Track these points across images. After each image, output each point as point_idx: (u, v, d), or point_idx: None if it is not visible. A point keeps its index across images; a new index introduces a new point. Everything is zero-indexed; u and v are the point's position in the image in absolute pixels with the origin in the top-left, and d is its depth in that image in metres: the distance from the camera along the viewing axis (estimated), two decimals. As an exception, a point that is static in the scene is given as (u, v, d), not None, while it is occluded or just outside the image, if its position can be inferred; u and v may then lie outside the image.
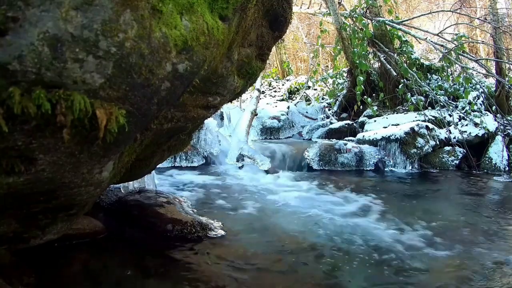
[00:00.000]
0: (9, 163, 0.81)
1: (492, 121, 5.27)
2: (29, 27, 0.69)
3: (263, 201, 2.97)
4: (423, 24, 10.64)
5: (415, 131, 4.75)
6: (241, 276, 1.68)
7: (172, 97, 1.01)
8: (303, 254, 1.95)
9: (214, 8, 1.06)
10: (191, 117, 1.44)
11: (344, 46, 6.45)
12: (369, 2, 6.20)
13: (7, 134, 0.74)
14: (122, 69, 0.81)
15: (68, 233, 1.73)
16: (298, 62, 13.66)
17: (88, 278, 1.61)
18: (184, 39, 0.92)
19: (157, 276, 1.65)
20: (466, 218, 2.71)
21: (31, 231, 1.13)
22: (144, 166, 1.75)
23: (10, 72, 0.69)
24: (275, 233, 2.24)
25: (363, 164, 4.64)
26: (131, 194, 2.47)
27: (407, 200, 3.20)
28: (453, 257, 1.99)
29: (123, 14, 0.78)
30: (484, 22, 7.27)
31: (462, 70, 5.78)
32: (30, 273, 1.48)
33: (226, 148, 4.47)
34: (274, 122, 6.75)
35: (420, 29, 6.73)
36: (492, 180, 4.23)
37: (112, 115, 0.83)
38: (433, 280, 1.72)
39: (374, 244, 2.11)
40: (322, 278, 1.71)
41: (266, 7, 1.51)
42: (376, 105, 6.28)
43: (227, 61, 1.37)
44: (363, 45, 5.87)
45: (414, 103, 5.57)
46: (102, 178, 1.07)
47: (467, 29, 10.28)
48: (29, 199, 0.97)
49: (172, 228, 2.11)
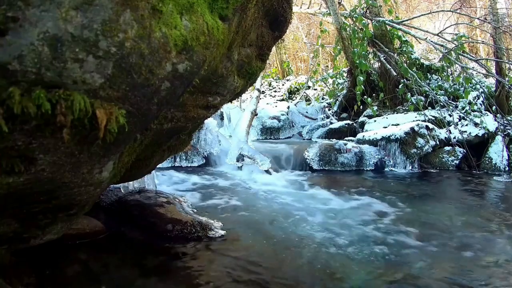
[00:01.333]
0: (9, 163, 0.81)
1: (492, 121, 5.27)
2: (29, 27, 0.69)
3: (263, 201, 2.97)
4: (423, 24, 10.65)
5: (415, 131, 4.75)
6: (241, 276, 1.68)
7: (172, 97, 1.01)
8: (303, 254, 1.95)
9: (214, 8, 1.06)
10: (191, 117, 1.44)
11: (344, 46, 6.45)
12: (369, 2, 6.20)
13: (7, 134, 0.74)
14: (122, 69, 0.81)
15: (68, 233, 1.73)
16: (298, 62, 13.66)
17: (88, 278, 1.61)
18: (184, 39, 0.92)
19: (157, 276, 1.65)
20: (466, 218, 2.71)
21: (31, 231, 1.13)
22: (144, 166, 1.75)
23: (10, 72, 0.69)
24: (275, 233, 2.24)
25: (363, 164, 4.64)
26: (131, 194, 2.47)
27: (407, 200, 3.20)
28: (453, 257, 1.99)
29: (123, 14, 0.78)
30: (484, 22, 7.27)
31: (462, 70, 5.79)
32: (30, 273, 1.48)
33: (226, 148, 4.47)
34: (274, 122, 6.76)
35: (420, 29, 6.73)
36: (492, 180, 4.23)
37: (112, 115, 0.83)
38: (433, 280, 1.72)
39: (374, 244, 2.11)
40: (322, 278, 1.71)
41: (266, 7, 1.51)
42: (376, 105, 6.28)
43: (227, 61, 1.37)
44: (363, 45, 5.87)
45: (414, 103, 5.57)
46: (102, 178, 1.07)
47: (467, 29, 10.28)
48: (29, 199, 0.97)
49: (172, 228, 2.11)
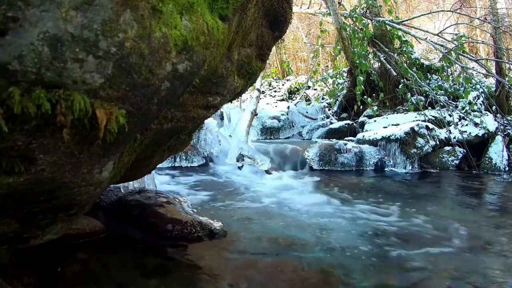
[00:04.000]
0: (9, 163, 0.81)
1: (492, 121, 5.27)
2: (29, 27, 0.69)
3: (263, 201, 2.97)
4: (423, 24, 10.65)
5: (415, 131, 4.75)
6: (241, 276, 1.68)
7: (172, 97, 1.01)
8: (303, 254, 1.95)
9: (214, 8, 1.06)
10: (191, 117, 1.44)
11: (344, 46, 6.45)
12: (369, 2, 6.20)
13: (7, 134, 0.74)
14: (122, 69, 0.81)
15: (68, 233, 1.73)
16: (298, 62, 13.66)
17: (88, 278, 1.61)
18: (184, 39, 0.92)
19: (157, 276, 1.65)
20: (466, 218, 2.71)
21: (31, 231, 1.13)
22: (144, 166, 1.75)
23: (10, 72, 0.69)
24: (275, 233, 2.24)
25: (363, 164, 4.64)
26: (131, 194, 2.47)
27: (407, 200, 3.20)
28: (452, 257, 1.99)
29: (123, 14, 0.78)
30: (484, 22, 7.27)
31: (462, 70, 5.79)
32: (30, 273, 1.48)
33: (226, 148, 4.47)
34: (274, 122, 6.76)
35: (420, 29, 6.73)
36: (492, 180, 4.23)
37: (112, 115, 0.83)
38: (433, 280, 1.72)
39: (374, 244, 2.11)
40: (323, 278, 1.71)
41: (266, 7, 1.51)
42: (376, 105, 6.28)
43: (227, 61, 1.37)
44: (363, 45, 5.87)
45: (414, 103, 5.57)
46: (102, 178, 1.07)
47: (467, 29, 10.28)
48: (29, 199, 0.97)
49: (172, 228, 2.11)
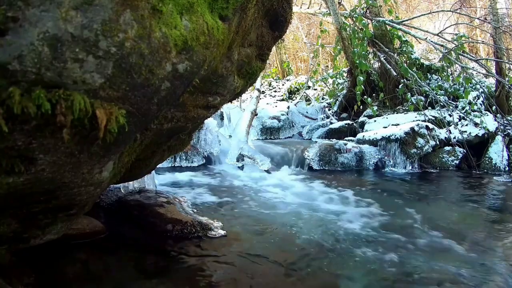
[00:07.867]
0: (9, 163, 0.81)
1: (492, 121, 5.27)
2: (29, 27, 0.69)
3: (263, 201, 2.97)
4: (423, 24, 10.64)
5: (415, 131, 4.75)
6: (241, 276, 1.68)
7: (172, 97, 1.01)
8: (303, 254, 1.95)
9: (214, 8, 1.06)
10: (191, 117, 1.44)
11: (344, 46, 6.45)
12: (369, 2, 6.20)
13: (7, 134, 0.74)
14: (122, 69, 0.81)
15: (68, 233, 1.73)
16: (298, 62, 13.65)
17: (88, 278, 1.61)
18: (184, 39, 0.92)
19: (157, 276, 1.65)
20: (466, 218, 2.71)
21: (31, 231, 1.13)
22: (144, 166, 1.75)
23: (10, 72, 0.69)
24: (275, 233, 2.24)
25: (363, 164, 4.64)
26: (131, 194, 2.47)
27: (407, 199, 3.20)
28: (452, 257, 1.99)
29: (123, 14, 0.78)
30: (484, 22, 7.27)
31: (462, 70, 5.78)
32: (30, 273, 1.48)
33: (226, 148, 4.47)
34: (274, 122, 6.75)
35: (420, 29, 6.72)
36: (492, 180, 4.23)
37: (112, 115, 0.83)
38: (433, 279, 1.72)
39: (374, 244, 2.11)
40: (323, 278, 1.71)
41: (266, 7, 1.51)
42: (376, 105, 6.28)
43: (227, 61, 1.37)
44: (363, 45, 5.87)
45: (414, 103, 5.57)
46: (102, 178, 1.07)
47: (467, 29, 10.27)
48: (29, 199, 0.97)
49: (172, 228, 2.11)
